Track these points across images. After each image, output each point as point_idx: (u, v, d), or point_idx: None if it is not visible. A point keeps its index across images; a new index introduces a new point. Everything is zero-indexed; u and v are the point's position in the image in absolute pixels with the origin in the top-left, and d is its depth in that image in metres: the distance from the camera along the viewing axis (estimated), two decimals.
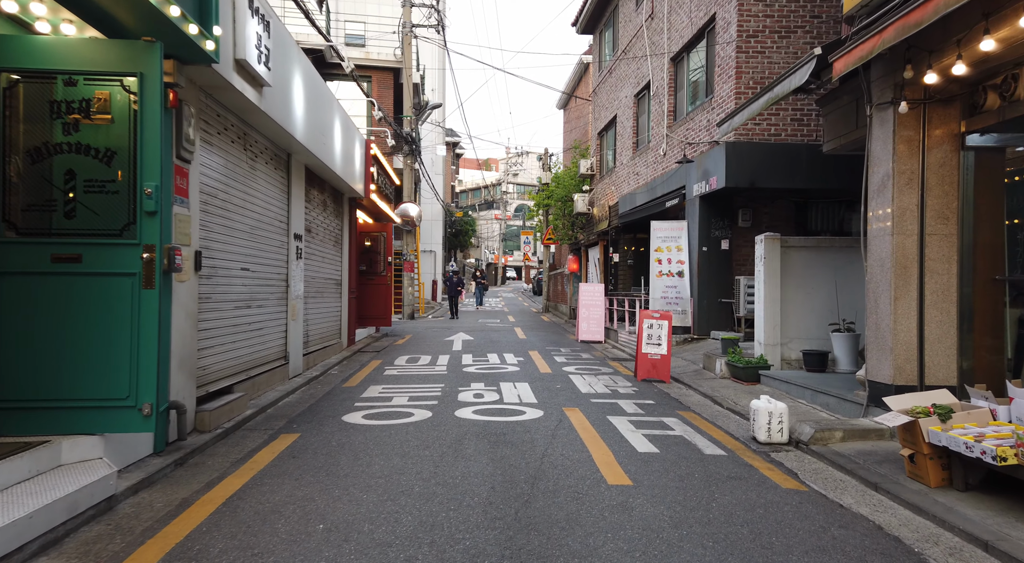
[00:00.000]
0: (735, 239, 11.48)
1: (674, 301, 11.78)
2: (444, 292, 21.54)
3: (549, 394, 7.60)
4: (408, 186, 20.74)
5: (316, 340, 9.76)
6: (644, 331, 8.88)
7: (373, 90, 21.72)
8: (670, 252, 11.95)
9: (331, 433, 5.61)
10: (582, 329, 14.17)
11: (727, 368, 8.64)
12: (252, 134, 6.76)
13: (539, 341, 14.11)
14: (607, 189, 18.65)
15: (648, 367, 8.78)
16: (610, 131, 19.00)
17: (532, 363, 10.33)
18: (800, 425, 5.53)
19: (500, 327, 17.87)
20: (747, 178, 10.34)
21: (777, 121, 10.60)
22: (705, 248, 11.43)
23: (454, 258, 49.46)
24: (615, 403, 7.12)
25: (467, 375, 8.98)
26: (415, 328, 17.42)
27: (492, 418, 6.22)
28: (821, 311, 8.51)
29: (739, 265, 11.51)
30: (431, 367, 9.78)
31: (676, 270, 11.85)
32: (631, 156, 16.20)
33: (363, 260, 15.03)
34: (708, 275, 11.44)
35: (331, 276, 10.78)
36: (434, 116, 30.22)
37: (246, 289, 6.63)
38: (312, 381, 8.35)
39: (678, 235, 11.95)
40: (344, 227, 11.64)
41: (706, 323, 11.43)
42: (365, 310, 14.74)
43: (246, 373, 6.62)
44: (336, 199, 11.10)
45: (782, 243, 8.52)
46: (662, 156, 13.74)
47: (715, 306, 11.40)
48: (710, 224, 11.42)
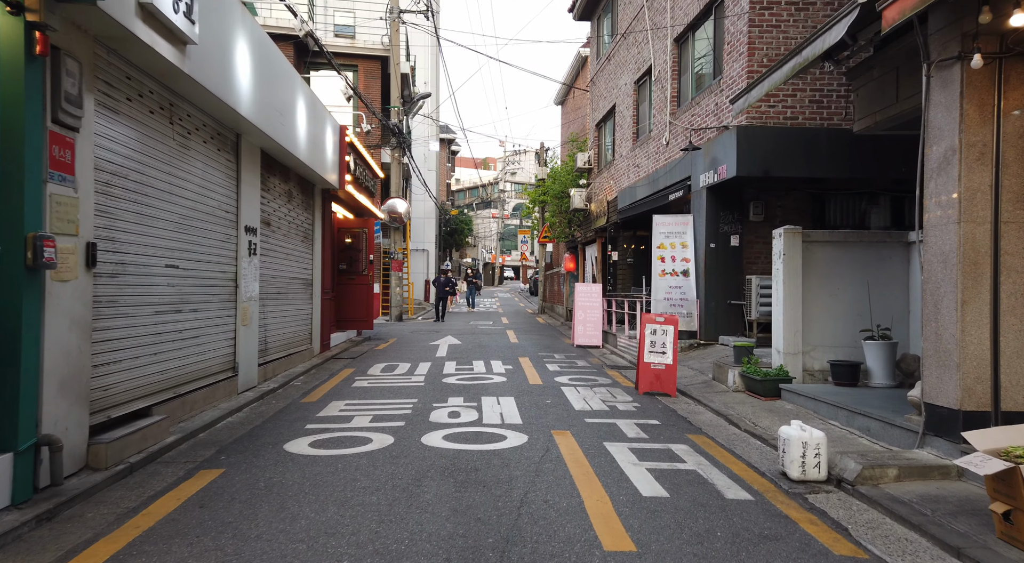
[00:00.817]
0: (746, 235, 10.43)
1: (678, 303, 10.73)
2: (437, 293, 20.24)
3: (537, 412, 6.54)
4: (396, 181, 19.68)
5: (278, 347, 8.69)
6: (646, 337, 7.82)
7: (359, 80, 20.68)
8: (674, 249, 10.90)
9: (263, 468, 4.55)
10: (578, 333, 13.12)
11: (741, 380, 7.59)
12: (182, 106, 5.70)
13: (531, 346, 13.05)
14: (605, 183, 17.60)
15: (651, 378, 7.73)
16: (608, 122, 17.95)
17: (521, 372, 9.27)
18: (841, 458, 4.48)
19: (491, 330, 16.81)
20: (760, 166, 9.29)
21: (794, 103, 9.55)
22: (713, 245, 10.38)
23: (449, 257, 48.40)
24: (613, 424, 6.06)
25: (446, 387, 7.93)
26: (401, 331, 16.36)
27: (465, 446, 5.17)
28: (849, 315, 7.46)
29: (750, 263, 10.46)
30: (407, 377, 8.72)
31: (681, 269, 10.80)
32: (631, 147, 15.15)
33: (343, 258, 13.98)
34: (716, 274, 10.39)
35: (298, 275, 9.72)
36: (427, 110, 29.16)
37: (174, 290, 5.57)
38: (267, 395, 7.29)
39: (683, 230, 10.90)
40: (316, 221, 10.58)
41: (714, 327, 10.38)
42: (344, 312, 13.68)
43: (173, 390, 5.56)
44: (305, 190, 10.04)
45: (804, 237, 7.48)
46: (664, 146, 12.69)
47: (724, 308, 10.35)
48: (718, 218, 10.37)
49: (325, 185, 10.62)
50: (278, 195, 8.63)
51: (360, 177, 12.31)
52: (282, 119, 7.69)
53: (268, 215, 8.18)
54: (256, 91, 6.80)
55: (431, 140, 31.35)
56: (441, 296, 19.38)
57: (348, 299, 13.73)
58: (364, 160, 13.05)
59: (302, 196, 9.83)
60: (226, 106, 6.03)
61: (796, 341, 7.40)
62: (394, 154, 19.60)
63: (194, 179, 5.95)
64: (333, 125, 10.57)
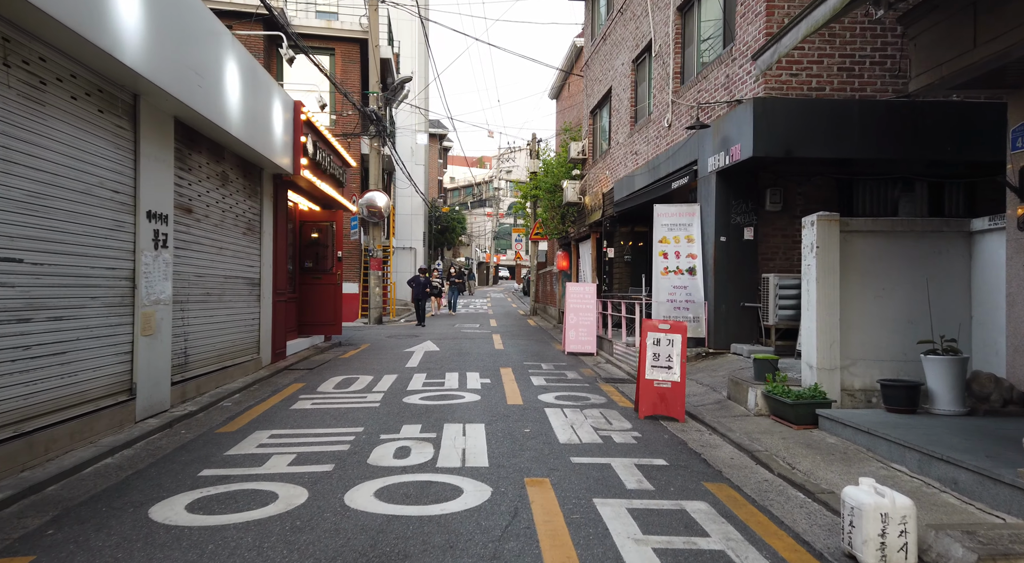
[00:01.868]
0: (762, 227, 9.04)
1: (683, 305, 9.32)
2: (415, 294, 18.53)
3: (510, 447, 5.13)
4: (375, 173, 18.25)
5: (207, 359, 7.26)
6: (648, 349, 6.41)
7: (336, 65, 19.25)
8: (678, 243, 9.49)
9: (96, 554, 3.12)
10: (569, 339, 11.71)
11: (765, 402, 6.19)
12: (27, 45, 4.27)
13: (517, 353, 11.64)
14: (600, 174, 16.20)
15: (654, 399, 6.32)
16: (604, 107, 16.55)
17: (500, 388, 7.86)
18: (938, 538, 3.08)
19: (477, 334, 15.39)
20: (781, 145, 7.90)
21: (820, 71, 8.16)
22: (723, 238, 8.98)
23: (441, 256, 46.95)
24: (607, 466, 4.65)
25: (405, 410, 6.51)
26: (377, 336, 14.92)
27: (403, 509, 3.75)
28: (898, 322, 6.07)
29: (767, 260, 9.07)
30: (362, 396, 7.29)
31: (686, 266, 9.40)
32: (628, 133, 13.75)
33: (308, 255, 12.56)
34: (727, 272, 8.99)
35: (239, 273, 8.28)
36: (415, 100, 27.74)
37: (15, 293, 4.14)
38: (177, 423, 5.86)
39: (688, 222, 9.50)
40: (265, 211, 9.15)
41: (725, 334, 8.98)
42: (308, 315, 12.26)
43: (13, 428, 4.12)
44: (249, 174, 8.61)
45: (842, 226, 6.08)
46: (666, 128, 11.29)
47: (736, 312, 8.95)
48: (729, 208, 8.97)
49: (276, 170, 9.19)
50: (206, 177, 7.19)
51: (322, 163, 10.88)
52: (202, 82, 6.25)
53: (189, 200, 6.75)
54: (161, 43, 5.37)
55: (419, 133, 29.91)
56: (418, 297, 17.67)
57: (313, 301, 12.31)
58: (329, 145, 11.61)
59: (244, 181, 8.39)
60: (104, 54, 4.60)
61: (832, 354, 6.00)
62: (373, 144, 18.16)
63: (54, 146, 4.52)
64: (284, 100, 9.13)
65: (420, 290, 17.63)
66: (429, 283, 18.01)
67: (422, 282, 17.79)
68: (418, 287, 17.73)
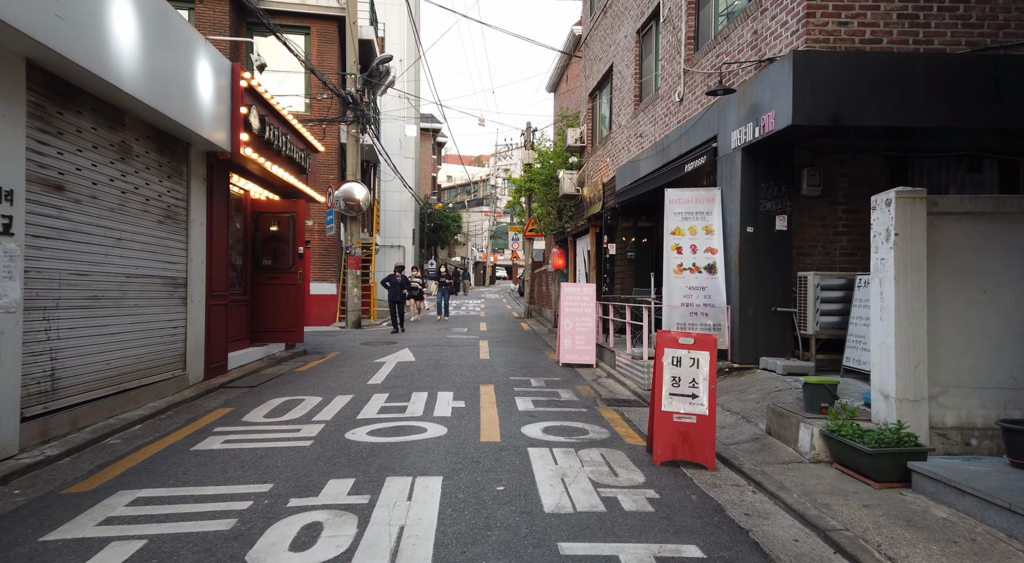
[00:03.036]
0: (797, 215, 7.45)
1: (701, 310, 7.72)
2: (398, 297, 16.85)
3: (473, 523, 3.53)
4: (353, 162, 16.63)
5: (93, 382, 5.65)
6: (665, 371, 4.81)
7: (312, 45, 17.64)
8: (694, 236, 7.88)
9: None
10: (564, 348, 10.09)
11: (825, 444, 4.58)
12: None
13: (504, 364, 10.03)
14: (600, 163, 14.60)
15: (673, 439, 4.71)
16: (605, 88, 14.95)
17: (475, 415, 6.25)
18: None
19: (462, 340, 13.78)
20: (827, 111, 6.30)
21: (876, 18, 6.55)
22: (750, 228, 7.38)
23: (435, 255, 45.33)
24: (613, 560, 3.05)
25: (342, 451, 4.90)
26: (350, 343, 13.31)
27: None
28: (1007, 336, 4.48)
29: (804, 255, 7.48)
30: (296, 428, 5.68)
31: (704, 263, 7.79)
32: (632, 114, 12.16)
33: (265, 251, 10.95)
34: (755, 270, 7.40)
35: (151, 271, 6.67)
36: (404, 87, 26.12)
37: None
38: (16, 477, 4.24)
39: (707, 210, 7.89)
40: (193, 196, 7.54)
41: (752, 345, 7.38)
42: (264, 320, 10.65)
43: None
44: (165, 149, 6.99)
45: (930, 206, 4.49)
46: (677, 103, 9.69)
47: (766, 318, 7.35)
48: (758, 192, 7.38)
49: (208, 146, 7.58)
50: (91, 146, 5.57)
51: (275, 143, 9.26)
52: (64, 11, 4.64)
53: (60, 175, 5.14)
54: None
55: (407, 124, 28.29)
56: (395, 300, 15.78)
57: (269, 303, 10.70)
58: (284, 122, 10.00)
59: (158, 156, 6.78)
60: None
61: (918, 379, 4.40)
62: (351, 130, 16.55)
63: None
64: (216, 62, 7.51)
65: (396, 291, 15.76)
66: (407, 282, 16.06)
67: (398, 281, 15.89)
68: (393, 287, 15.83)
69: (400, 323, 15.70)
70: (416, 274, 19.44)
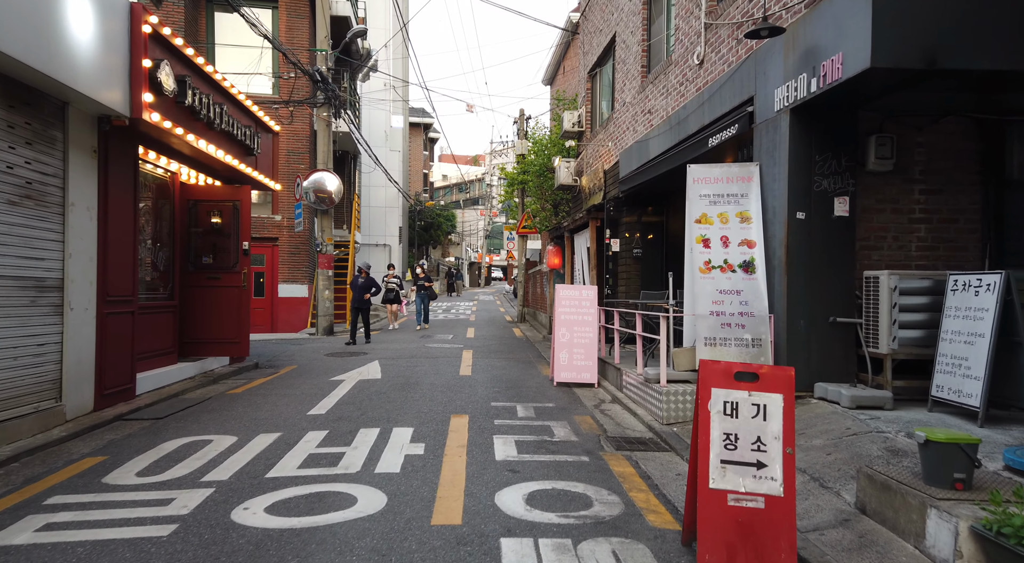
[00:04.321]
0: (862, 195, 5.74)
1: (736, 321, 5.96)
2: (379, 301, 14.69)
3: None
4: (324, 149, 14.88)
5: None
6: (713, 426, 3.08)
7: (280, 19, 15.89)
8: (725, 225, 6.14)
9: None
10: (560, 363, 8.34)
11: (982, 551, 2.83)
12: None
13: (487, 383, 8.28)
14: (601, 148, 12.88)
15: (727, 534, 2.97)
16: (606, 63, 13.22)
17: (434, 470, 4.50)
18: None
19: (444, 351, 12.04)
20: (920, 50, 4.57)
21: None
22: (801, 214, 5.65)
23: (426, 255, 43.53)
24: None
25: (208, 553, 3.15)
26: (313, 353, 11.56)
27: None
28: None
29: (870, 248, 5.77)
30: (166, 498, 3.92)
31: (739, 259, 6.04)
32: (638, 88, 10.43)
33: (204, 246, 9.21)
34: (808, 268, 5.66)
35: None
36: (390, 77, 24.38)
37: None
38: None
39: (741, 191, 6.15)
40: (75, 172, 5.79)
41: (805, 366, 5.63)
42: (199, 330, 8.91)
43: None
44: (22, 106, 5.24)
45: None
46: (696, 66, 7.97)
47: (822, 331, 5.62)
48: (811, 166, 5.65)
49: (97, 108, 5.83)
50: None
51: (203, 111, 7.49)
52: None
53: None
54: None
55: (394, 114, 26.54)
56: (360, 306, 13.28)
57: (206, 309, 8.95)
58: (221, 90, 8.23)
59: (6, 114, 5.01)
60: None
61: None
62: (321, 114, 14.79)
63: None
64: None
65: (360, 295, 13.38)
66: (374, 285, 13.88)
67: (361, 285, 13.41)
68: (358, 292, 13.37)
69: (365, 334, 13.45)
70: (394, 275, 16.81)
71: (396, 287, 16.56)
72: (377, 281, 13.84)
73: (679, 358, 6.19)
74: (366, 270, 13.46)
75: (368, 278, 13.40)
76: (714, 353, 5.83)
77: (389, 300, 16.60)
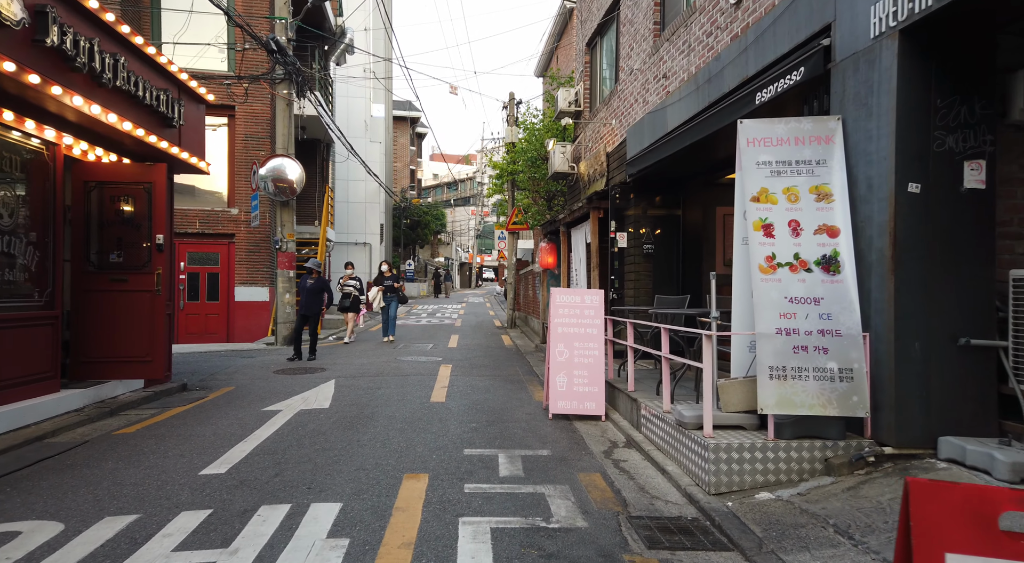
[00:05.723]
0: (1004, 159, 3.93)
1: (812, 342, 4.11)
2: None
3: None
4: (284, 132, 12.99)
5: None
6: None
7: None
8: (794, 204, 4.30)
9: None
10: (556, 388, 6.48)
11: None
12: None
13: (464, 414, 6.42)
14: (602, 128, 11.05)
15: None
16: (608, 31, 11.40)
17: None
18: None
19: (417, 366, 10.17)
20: None
21: None
22: (915, 186, 3.83)
23: (414, 255, 41.61)
24: None
25: None
26: (263, 368, 9.66)
27: None
28: None
29: (1016, 237, 3.96)
30: None
31: (816, 254, 4.21)
32: (650, 50, 8.63)
33: (107, 241, 7.34)
34: (925, 266, 3.85)
35: None
36: (369, 65, 22.47)
37: None
38: None
39: (816, 156, 4.32)
40: None
41: (922, 410, 3.82)
42: (96, 346, 7.06)
43: None
44: None
45: None
46: (731, 7, 6.16)
47: (948, 357, 3.81)
48: (927, 116, 3.83)
49: None
50: None
51: (81, 59, 5.61)
52: None
53: None
54: None
55: (375, 103, 24.63)
56: (309, 312, 10.92)
57: (108, 320, 7.08)
58: (116, 38, 6.33)
59: None
60: None
61: None
62: (281, 91, 12.90)
63: None
64: None
65: (309, 300, 10.97)
66: (327, 288, 11.67)
67: (310, 288, 10.98)
68: (307, 296, 10.98)
69: (311, 348, 10.84)
70: (352, 276, 13.49)
71: (355, 291, 13.40)
72: (331, 284, 11.52)
73: (728, 394, 4.36)
74: (317, 271, 11.20)
75: (320, 280, 11.18)
76: (783, 390, 4.00)
77: (346, 307, 13.45)
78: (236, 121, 14.17)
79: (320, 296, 11.05)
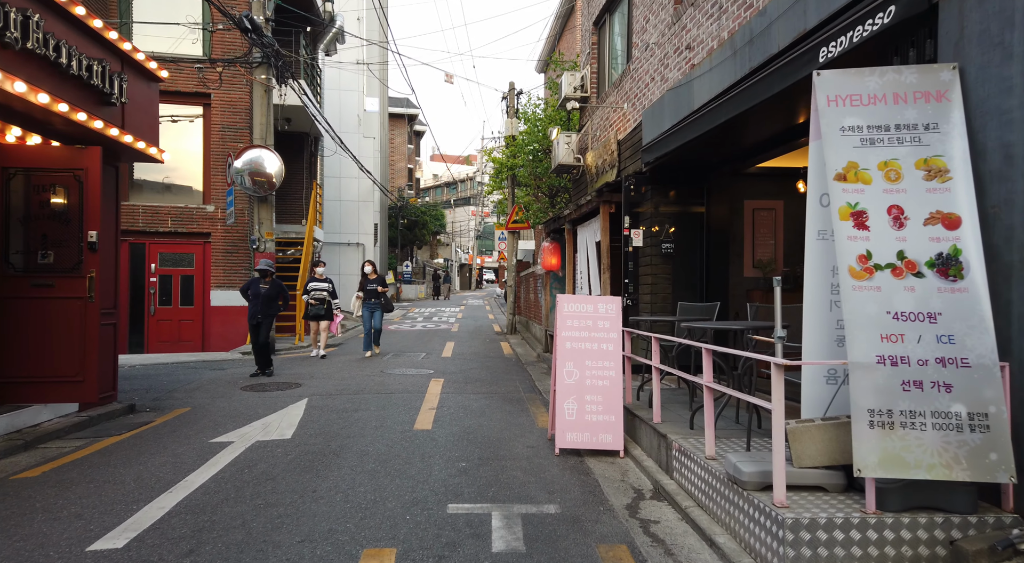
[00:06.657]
0: None
1: (929, 375, 2.97)
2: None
3: None
4: (261, 120, 11.88)
5: None
6: None
7: None
8: (895, 183, 3.16)
9: None
10: (564, 417, 5.32)
11: None
12: None
13: (451, 451, 5.27)
14: (612, 115, 9.90)
15: None
16: (619, 5, 10.25)
17: None
18: None
19: (404, 381, 9.02)
20: None
21: None
22: None
23: (411, 256, 40.44)
24: None
25: None
26: (230, 383, 8.52)
27: None
28: None
29: None
30: None
31: (930, 252, 3.07)
32: (670, 19, 7.48)
33: (33, 238, 6.21)
34: None
35: None
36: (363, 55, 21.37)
37: None
38: None
39: (924, 119, 3.18)
40: None
41: None
42: (14, 365, 5.92)
43: None
44: None
45: None
46: None
47: None
48: None
49: None
50: None
51: None
52: None
53: None
54: None
55: (368, 96, 23.50)
56: (260, 319, 9.28)
57: (27, 333, 5.94)
58: None
59: None
60: None
61: None
62: (259, 76, 11.77)
63: None
64: None
65: (259, 306, 9.30)
66: (284, 293, 9.69)
67: (262, 293, 9.34)
68: (256, 302, 9.34)
69: (264, 362, 9.24)
70: (321, 276, 11.36)
71: (326, 295, 11.29)
72: (286, 289, 9.82)
73: (802, 442, 3.20)
74: (272, 273, 9.51)
75: (274, 284, 9.47)
76: (890, 442, 2.84)
77: (313, 315, 11.38)
78: (212, 110, 13.04)
79: (274, 303, 9.44)
